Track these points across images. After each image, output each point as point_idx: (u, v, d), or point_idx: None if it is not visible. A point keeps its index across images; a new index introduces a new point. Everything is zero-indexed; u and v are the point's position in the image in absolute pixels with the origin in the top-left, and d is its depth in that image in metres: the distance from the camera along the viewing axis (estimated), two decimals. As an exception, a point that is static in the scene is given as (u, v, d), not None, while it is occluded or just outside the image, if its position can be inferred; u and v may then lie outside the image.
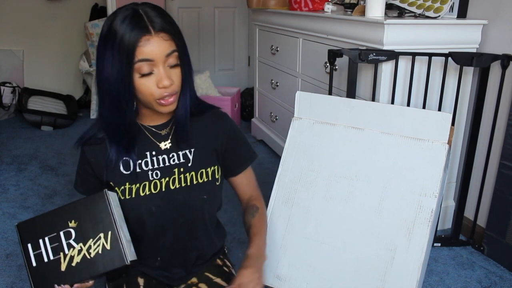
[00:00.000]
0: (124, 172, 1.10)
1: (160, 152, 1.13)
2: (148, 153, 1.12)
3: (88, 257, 0.99)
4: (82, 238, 0.99)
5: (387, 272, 1.28)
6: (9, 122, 3.72)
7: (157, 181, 1.11)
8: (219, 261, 1.29)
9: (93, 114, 3.90)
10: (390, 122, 1.36)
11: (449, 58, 1.72)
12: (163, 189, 1.11)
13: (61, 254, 0.99)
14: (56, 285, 0.98)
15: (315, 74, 2.23)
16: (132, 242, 1.08)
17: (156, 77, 0.99)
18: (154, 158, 1.12)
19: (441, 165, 1.29)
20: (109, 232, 0.99)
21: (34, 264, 0.99)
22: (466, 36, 1.84)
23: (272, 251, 1.37)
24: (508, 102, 1.80)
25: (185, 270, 1.21)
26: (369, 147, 1.38)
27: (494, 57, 1.73)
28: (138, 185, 1.10)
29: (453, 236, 1.98)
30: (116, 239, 0.99)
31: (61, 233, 1.00)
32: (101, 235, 0.99)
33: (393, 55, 1.72)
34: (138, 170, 1.11)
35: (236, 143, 1.23)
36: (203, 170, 1.15)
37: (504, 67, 1.72)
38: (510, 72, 1.76)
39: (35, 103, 3.70)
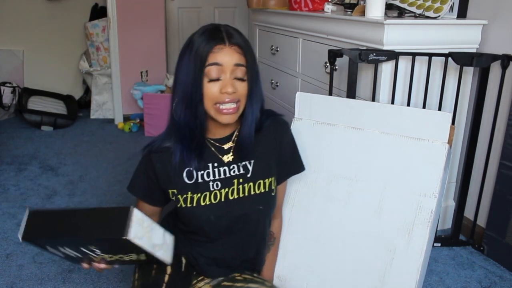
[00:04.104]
0: (187, 181, 1.17)
1: (222, 164, 1.19)
2: (210, 165, 1.18)
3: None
4: (110, 252, 0.98)
5: (386, 273, 1.28)
6: (9, 122, 3.72)
7: (217, 192, 1.17)
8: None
9: (93, 114, 3.89)
10: (389, 122, 1.36)
11: (449, 58, 1.72)
12: (222, 199, 1.17)
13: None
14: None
15: (315, 74, 2.23)
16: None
17: (221, 83, 1.07)
18: (216, 170, 1.18)
19: (440, 165, 1.28)
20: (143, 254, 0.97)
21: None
22: (466, 36, 1.84)
23: (272, 251, 1.38)
24: (508, 102, 1.79)
25: (224, 273, 1.25)
26: (368, 147, 1.38)
27: (494, 57, 1.72)
28: (199, 194, 1.16)
29: (453, 236, 1.98)
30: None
31: (82, 248, 0.96)
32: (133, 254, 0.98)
33: (393, 55, 1.72)
34: (200, 180, 1.17)
35: (291, 155, 1.28)
36: (261, 181, 1.20)
37: (504, 67, 1.72)
38: (510, 72, 1.75)
39: (35, 103, 3.70)
